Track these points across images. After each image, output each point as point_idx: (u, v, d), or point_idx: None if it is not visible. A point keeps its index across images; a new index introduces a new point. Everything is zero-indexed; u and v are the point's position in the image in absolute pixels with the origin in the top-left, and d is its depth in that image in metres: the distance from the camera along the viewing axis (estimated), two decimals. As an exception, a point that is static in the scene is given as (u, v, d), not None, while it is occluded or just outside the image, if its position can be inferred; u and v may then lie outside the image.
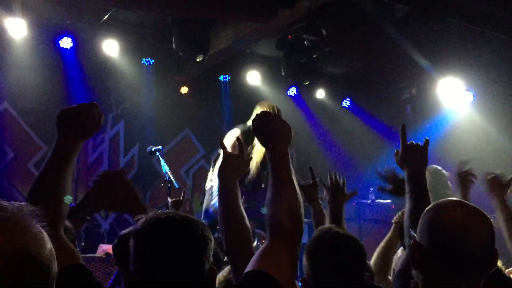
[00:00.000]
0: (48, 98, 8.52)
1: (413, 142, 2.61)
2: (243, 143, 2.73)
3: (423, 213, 1.82)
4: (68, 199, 1.93)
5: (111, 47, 8.26)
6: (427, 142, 2.62)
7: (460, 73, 8.79)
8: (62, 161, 2.04)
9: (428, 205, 2.34)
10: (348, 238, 2.38)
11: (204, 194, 6.41)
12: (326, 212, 3.47)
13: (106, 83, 8.99)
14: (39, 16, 7.55)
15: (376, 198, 9.14)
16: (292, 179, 2.13)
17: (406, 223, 2.38)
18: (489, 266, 1.72)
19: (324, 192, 3.56)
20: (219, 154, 6.15)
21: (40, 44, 8.10)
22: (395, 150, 2.66)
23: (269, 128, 2.26)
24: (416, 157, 2.56)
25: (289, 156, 2.19)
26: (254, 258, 2.00)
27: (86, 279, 1.95)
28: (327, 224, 3.17)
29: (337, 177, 3.54)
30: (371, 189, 9.28)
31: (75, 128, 2.09)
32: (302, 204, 2.12)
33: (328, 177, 3.54)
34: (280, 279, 1.90)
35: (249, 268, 1.96)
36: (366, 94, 10.65)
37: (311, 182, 3.75)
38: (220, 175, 2.56)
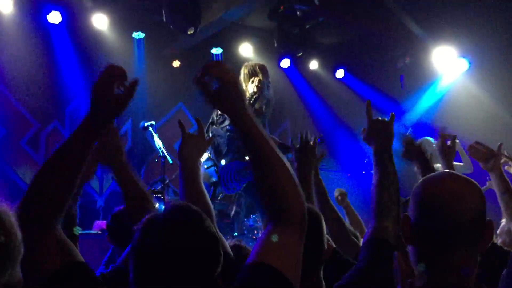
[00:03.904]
0: (38, 74, 8.44)
1: (379, 117, 2.64)
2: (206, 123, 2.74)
3: (414, 188, 1.79)
4: (77, 229, 1.80)
5: (100, 21, 8.13)
6: (392, 117, 2.65)
7: (455, 41, 8.72)
8: (84, 143, 1.80)
9: (394, 179, 2.43)
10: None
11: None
12: None
13: (97, 58, 8.85)
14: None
15: (372, 168, 9.15)
16: (272, 147, 1.80)
17: (371, 195, 2.42)
18: (483, 239, 1.69)
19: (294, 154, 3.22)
20: (211, 122, 6.17)
21: (28, 19, 7.98)
22: (362, 128, 2.68)
23: (223, 93, 1.79)
24: (382, 132, 2.58)
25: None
26: (258, 245, 1.72)
27: (84, 279, 1.71)
28: None
29: (308, 136, 3.25)
30: (366, 160, 9.28)
31: (104, 105, 1.82)
32: (294, 173, 1.83)
33: (299, 136, 3.23)
34: (289, 275, 1.66)
35: (252, 258, 1.70)
36: (360, 64, 10.58)
37: None
38: (180, 155, 2.59)
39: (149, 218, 1.66)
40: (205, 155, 6.17)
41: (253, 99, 5.68)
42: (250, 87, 5.83)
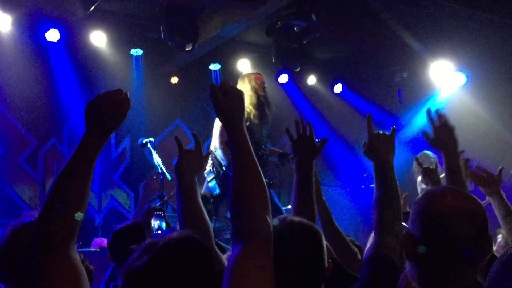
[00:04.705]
0: (36, 92, 8.46)
1: (380, 131, 2.61)
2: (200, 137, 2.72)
3: (414, 203, 1.79)
4: (79, 215, 1.81)
5: (99, 39, 8.15)
6: (394, 131, 2.63)
7: (452, 55, 8.75)
8: (87, 158, 1.85)
9: (395, 194, 2.40)
10: (305, 226, 2.25)
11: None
12: (294, 177, 2.89)
13: (95, 75, 8.89)
14: (24, 9, 7.44)
15: (371, 183, 9.16)
16: (258, 166, 1.88)
17: (373, 210, 2.40)
18: (485, 252, 1.69)
19: (290, 148, 3.08)
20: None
21: (26, 37, 8.00)
22: (363, 142, 2.66)
23: (230, 102, 1.93)
24: (383, 146, 2.56)
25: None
26: (233, 271, 1.71)
27: None
28: (294, 188, 2.86)
29: (305, 125, 2.99)
30: (365, 174, 9.28)
31: (99, 120, 1.91)
32: (269, 196, 1.89)
33: (295, 126, 2.98)
34: None
35: (230, 285, 1.69)
36: (357, 79, 10.61)
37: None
38: (177, 171, 2.57)
39: (150, 241, 1.67)
40: (208, 167, 6.18)
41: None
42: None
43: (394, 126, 2.64)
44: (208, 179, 6.19)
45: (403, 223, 1.95)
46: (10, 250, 2.10)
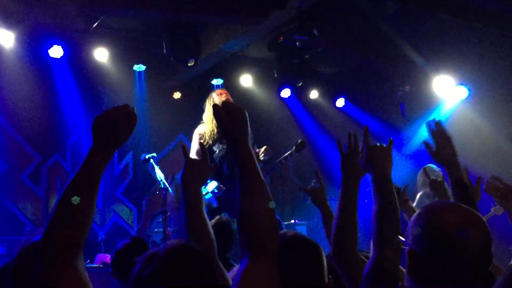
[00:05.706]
0: (39, 108, 8.47)
1: (377, 143, 2.57)
2: (206, 147, 2.69)
3: (413, 219, 1.77)
4: (75, 199, 1.82)
5: (102, 55, 8.18)
6: (391, 143, 2.58)
7: (454, 69, 8.76)
8: (94, 172, 1.86)
9: (394, 207, 2.37)
10: (305, 241, 2.27)
11: None
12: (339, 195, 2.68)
13: (98, 91, 8.92)
14: (27, 26, 7.48)
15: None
16: (264, 182, 1.90)
17: (372, 224, 2.37)
18: (487, 267, 1.68)
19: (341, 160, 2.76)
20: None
21: (30, 54, 8.02)
22: (360, 155, 2.61)
23: (233, 120, 1.94)
24: (380, 158, 2.52)
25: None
26: (240, 286, 1.75)
27: None
28: (338, 202, 2.69)
29: (356, 139, 2.74)
30: (368, 189, 9.25)
31: (106, 135, 1.92)
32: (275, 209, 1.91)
33: (347, 139, 2.76)
34: None
35: None
36: (360, 93, 10.60)
37: (318, 186, 3.66)
38: (183, 183, 2.53)
39: (151, 252, 1.70)
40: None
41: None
42: None
43: (391, 138, 2.59)
44: (204, 192, 6.19)
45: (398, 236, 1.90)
46: (21, 268, 2.12)
